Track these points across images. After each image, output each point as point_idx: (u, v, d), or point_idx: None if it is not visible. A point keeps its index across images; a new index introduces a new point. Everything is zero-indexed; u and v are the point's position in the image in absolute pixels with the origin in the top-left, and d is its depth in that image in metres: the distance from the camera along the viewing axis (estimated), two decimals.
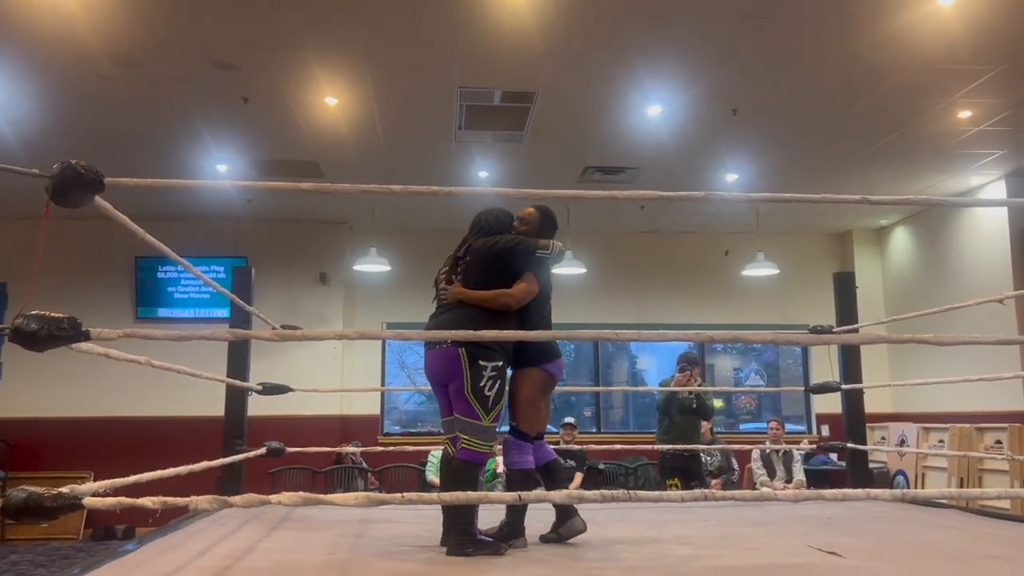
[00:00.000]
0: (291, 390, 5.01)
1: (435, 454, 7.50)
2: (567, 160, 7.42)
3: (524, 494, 1.90)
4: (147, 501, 1.72)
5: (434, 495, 1.79)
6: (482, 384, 3.02)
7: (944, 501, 4.59)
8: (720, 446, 7.35)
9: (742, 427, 10.60)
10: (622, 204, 8.59)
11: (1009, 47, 5.18)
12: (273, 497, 1.74)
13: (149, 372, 2.65)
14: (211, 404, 5.37)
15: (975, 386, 7.42)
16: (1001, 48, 5.20)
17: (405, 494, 1.76)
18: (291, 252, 9.38)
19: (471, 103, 6.10)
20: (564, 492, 2.24)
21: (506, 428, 3.33)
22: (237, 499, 1.75)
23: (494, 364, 3.06)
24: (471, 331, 2.54)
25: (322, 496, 1.70)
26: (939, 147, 7.02)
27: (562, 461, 7.68)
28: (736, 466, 7.85)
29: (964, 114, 6.29)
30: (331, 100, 6.02)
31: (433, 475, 7.44)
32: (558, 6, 4.72)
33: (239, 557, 2.83)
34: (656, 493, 1.85)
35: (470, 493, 2.35)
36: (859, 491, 1.78)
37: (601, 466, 8.69)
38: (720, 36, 5.13)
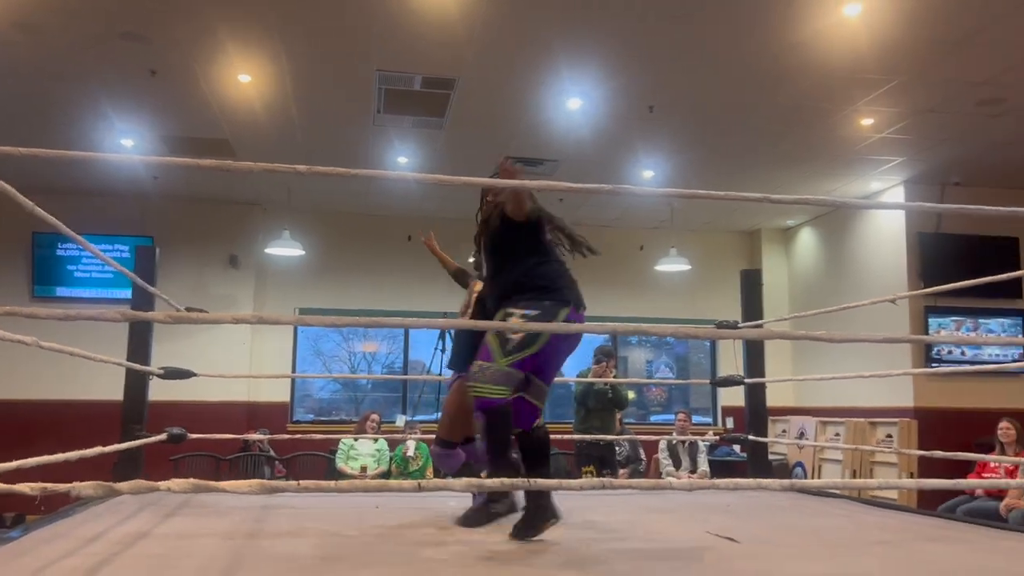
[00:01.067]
0: (194, 375, 4.86)
1: (346, 442, 7.41)
2: (488, 149, 7.40)
3: (424, 482, 1.89)
4: (24, 487, 1.63)
5: (331, 483, 1.76)
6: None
7: (835, 491, 4.80)
8: (628, 437, 7.49)
9: (653, 418, 10.84)
10: (540, 195, 8.61)
11: (910, 59, 5.43)
12: (162, 484, 1.68)
13: (44, 354, 2.52)
14: (111, 388, 5.17)
15: (870, 383, 7.81)
16: (902, 60, 5.44)
17: (301, 481, 1.72)
18: (201, 233, 9.09)
19: (390, 87, 6.02)
20: (464, 480, 2.23)
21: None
22: (123, 485, 1.68)
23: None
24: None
25: (213, 483, 1.65)
26: (843, 152, 7.31)
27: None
28: (644, 456, 8.02)
29: (867, 121, 6.56)
30: (244, 77, 5.85)
31: (343, 463, 7.35)
32: None
33: (131, 543, 2.73)
34: (557, 481, 1.87)
35: (368, 482, 2.32)
36: (749, 480, 1.84)
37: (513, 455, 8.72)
38: (638, 34, 5.20)
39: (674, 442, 7.73)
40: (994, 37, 5.09)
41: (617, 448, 7.62)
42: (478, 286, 3.80)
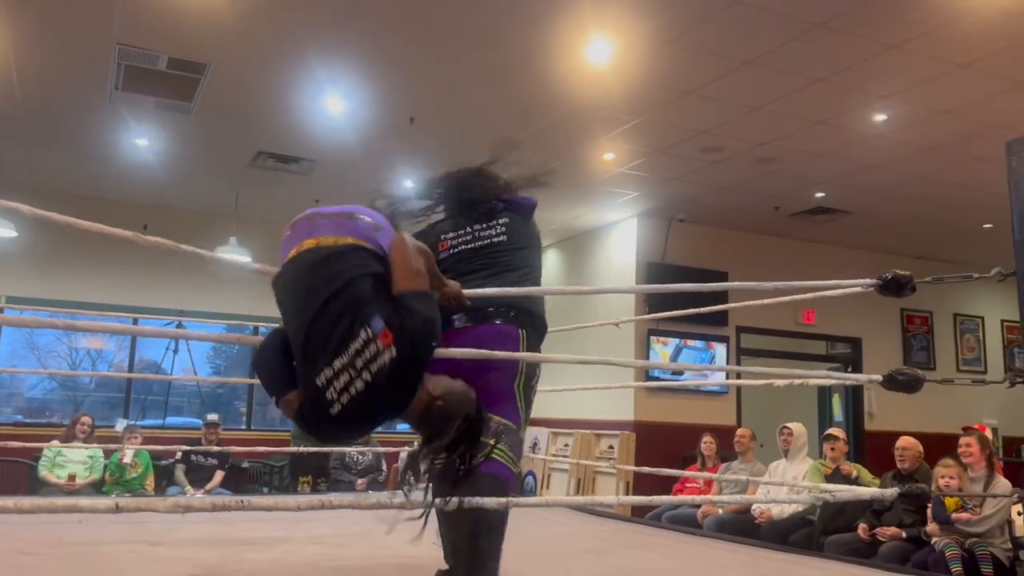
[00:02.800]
0: None
1: (52, 449, 6.68)
2: (239, 140, 7.06)
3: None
4: None
5: (9, 501, 1.54)
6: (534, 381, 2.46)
7: (552, 501, 5.09)
8: (372, 448, 7.45)
9: (400, 427, 10.84)
10: (295, 193, 8.36)
11: (647, 103, 5.94)
12: None
13: None
14: None
15: (599, 397, 8.40)
16: (641, 103, 5.94)
17: None
18: None
19: (132, 63, 5.54)
20: (171, 500, 2.07)
21: None
22: None
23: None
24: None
25: None
26: (588, 182, 7.82)
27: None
28: (384, 466, 8.01)
29: (608, 156, 7.08)
30: None
31: (47, 471, 6.61)
32: None
33: None
34: (272, 499, 1.80)
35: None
36: (464, 498, 1.88)
37: (245, 464, 8.35)
38: (397, 45, 5.22)
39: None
40: (719, 91, 5.71)
41: (360, 457, 7.56)
42: None
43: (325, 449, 5.98)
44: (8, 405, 8.91)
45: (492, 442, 2.21)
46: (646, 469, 4.20)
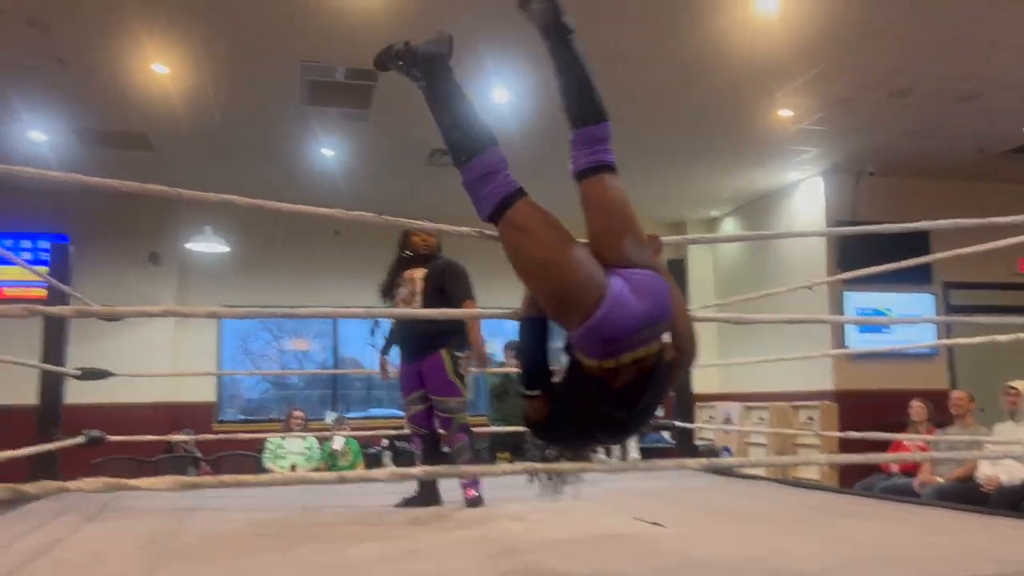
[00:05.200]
0: (111, 375, 4.71)
1: (273, 440, 7.28)
2: (414, 141, 7.35)
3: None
4: None
5: (250, 476, 1.71)
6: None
7: (759, 473, 4.93)
8: None
9: None
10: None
11: (824, 50, 5.59)
12: (71, 484, 1.62)
13: None
14: (22, 392, 4.97)
15: (792, 368, 8.04)
16: (816, 51, 5.59)
17: (221, 476, 1.68)
18: (119, 229, 8.77)
19: (313, 78, 5.91)
20: (387, 470, 2.20)
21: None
22: (31, 486, 1.61)
23: None
24: None
25: (125, 481, 1.59)
26: (763, 143, 7.49)
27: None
28: None
29: (785, 112, 6.73)
30: (160, 68, 5.66)
31: (270, 462, 7.21)
32: None
33: (45, 550, 2.63)
34: (483, 467, 1.87)
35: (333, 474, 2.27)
36: (667, 461, 1.87)
37: (446, 449, 8.69)
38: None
39: None
40: (903, 29, 5.28)
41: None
42: (417, 273, 4.11)
43: (518, 429, 6.17)
44: (232, 406, 9.80)
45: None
46: (852, 434, 3.99)
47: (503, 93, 6.21)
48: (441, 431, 4.01)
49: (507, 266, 2.02)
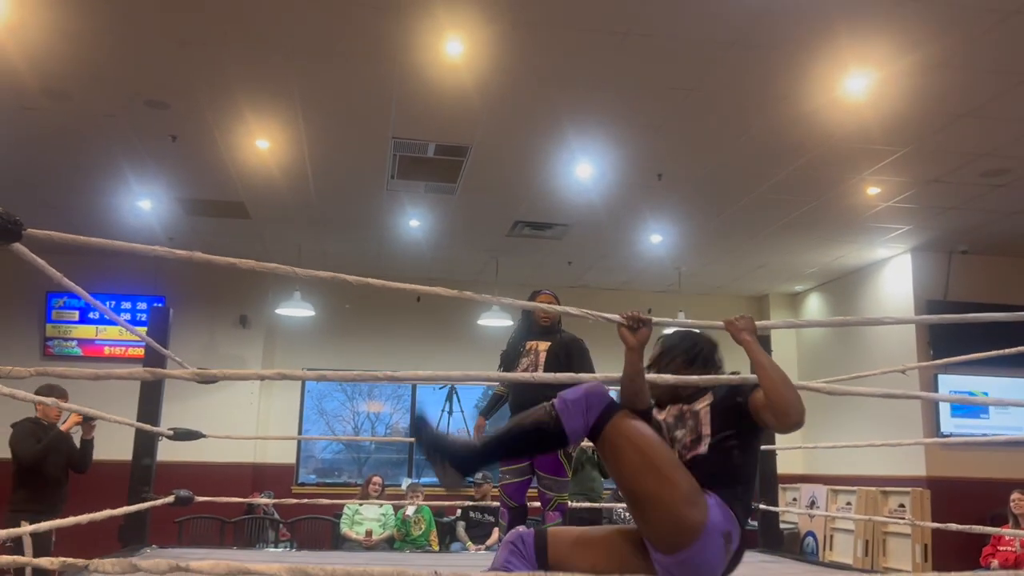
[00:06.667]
0: (203, 436, 4.86)
1: (351, 506, 7.34)
2: (497, 213, 7.52)
3: None
4: (45, 562, 1.64)
5: (356, 569, 1.72)
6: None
7: (846, 561, 4.72)
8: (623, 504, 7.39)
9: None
10: (549, 258, 8.72)
11: (914, 131, 5.53)
12: (192, 563, 1.67)
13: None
14: (118, 448, 5.16)
15: (881, 451, 7.72)
16: (907, 131, 5.54)
17: (335, 568, 1.70)
18: (211, 293, 9.15)
19: (404, 154, 6.14)
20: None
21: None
22: (145, 563, 1.68)
23: None
24: None
25: (236, 563, 1.64)
26: (850, 220, 7.38)
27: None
28: None
29: (873, 190, 6.64)
30: (262, 143, 5.98)
31: (347, 528, 7.26)
32: (494, 66, 4.83)
33: None
34: None
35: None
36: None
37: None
38: (648, 105, 5.32)
39: None
40: (998, 111, 5.19)
41: (603, 514, 7.57)
42: (542, 345, 4.14)
43: (593, 505, 6.06)
44: (305, 467, 9.94)
45: None
46: (952, 526, 3.80)
47: (587, 168, 6.31)
48: (537, 505, 4.00)
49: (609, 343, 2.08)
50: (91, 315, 8.99)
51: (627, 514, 7.50)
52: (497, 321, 8.79)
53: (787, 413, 2.15)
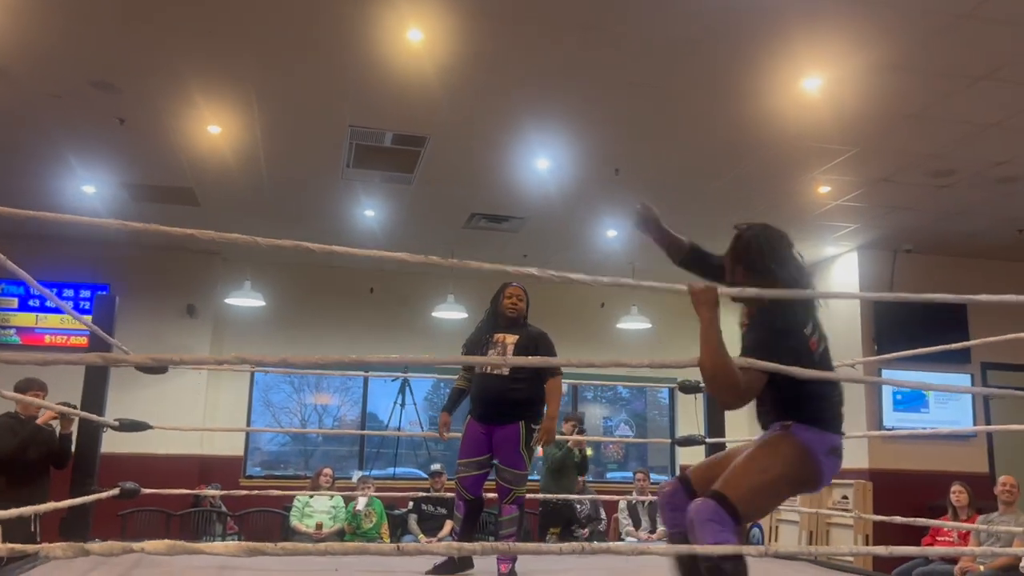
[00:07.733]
0: (150, 427, 4.75)
1: (301, 499, 7.25)
2: (454, 205, 7.48)
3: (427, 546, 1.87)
4: None
5: (309, 545, 1.72)
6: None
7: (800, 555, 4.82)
8: (590, 496, 7.45)
9: (609, 476, 10.79)
10: (505, 251, 8.71)
11: (864, 131, 5.65)
12: (137, 545, 1.64)
13: None
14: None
15: None
16: (858, 131, 5.66)
17: (281, 544, 1.69)
18: (158, 281, 8.91)
19: (361, 142, 6.06)
20: (443, 544, 2.20)
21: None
22: (95, 546, 1.63)
23: None
24: None
25: (191, 544, 1.61)
26: (801, 218, 7.51)
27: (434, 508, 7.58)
28: (604, 515, 7.97)
29: (824, 189, 6.77)
30: (214, 128, 5.85)
31: (297, 520, 7.17)
32: (455, 56, 4.79)
33: None
34: (535, 545, 1.86)
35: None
36: (727, 547, 1.85)
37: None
38: (607, 100, 5.34)
39: (634, 502, 7.70)
40: (944, 112, 5.33)
41: (578, 507, 7.59)
42: (509, 338, 4.11)
43: (567, 497, 6.13)
44: (251, 459, 9.76)
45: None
46: (897, 519, 3.90)
47: (545, 161, 6.31)
48: (493, 497, 3.98)
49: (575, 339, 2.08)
50: (31, 303, 8.71)
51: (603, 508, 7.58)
52: (453, 313, 8.75)
53: (720, 399, 2.37)
